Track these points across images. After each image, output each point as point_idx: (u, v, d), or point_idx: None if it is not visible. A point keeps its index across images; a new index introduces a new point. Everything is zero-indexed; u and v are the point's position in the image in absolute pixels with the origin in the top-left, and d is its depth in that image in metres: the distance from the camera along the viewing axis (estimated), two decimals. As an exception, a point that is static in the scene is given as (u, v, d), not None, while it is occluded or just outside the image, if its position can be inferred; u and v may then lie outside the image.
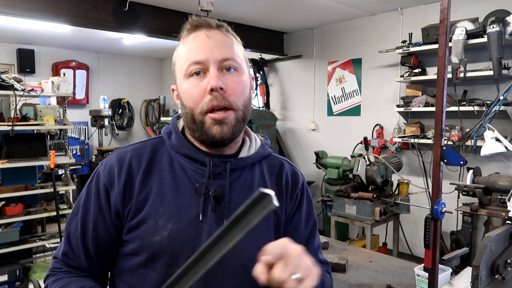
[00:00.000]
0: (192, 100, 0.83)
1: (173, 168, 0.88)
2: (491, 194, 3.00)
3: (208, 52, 0.82)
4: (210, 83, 0.80)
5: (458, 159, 1.35)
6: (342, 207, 3.43)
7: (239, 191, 0.89)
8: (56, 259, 0.91)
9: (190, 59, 0.83)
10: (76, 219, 0.89)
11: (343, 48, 4.92)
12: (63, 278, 0.86)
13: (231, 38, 0.87)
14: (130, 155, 0.89)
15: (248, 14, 4.50)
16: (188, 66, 0.83)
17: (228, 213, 0.86)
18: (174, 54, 0.91)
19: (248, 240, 0.84)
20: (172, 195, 0.85)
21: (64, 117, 3.97)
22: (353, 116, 4.85)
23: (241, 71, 0.86)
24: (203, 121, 0.83)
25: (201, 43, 0.83)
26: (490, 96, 3.59)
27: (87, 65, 6.78)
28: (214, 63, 0.82)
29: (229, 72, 0.84)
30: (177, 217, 0.84)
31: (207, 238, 0.83)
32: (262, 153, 0.95)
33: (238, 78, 0.85)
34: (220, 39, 0.85)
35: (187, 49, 0.85)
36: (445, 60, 1.35)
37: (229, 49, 0.85)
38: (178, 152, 0.89)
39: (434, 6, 4.04)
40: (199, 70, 0.82)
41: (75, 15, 3.75)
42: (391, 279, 1.82)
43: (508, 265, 1.59)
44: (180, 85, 0.87)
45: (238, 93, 0.84)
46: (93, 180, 0.89)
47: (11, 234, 3.46)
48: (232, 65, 0.84)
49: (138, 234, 0.84)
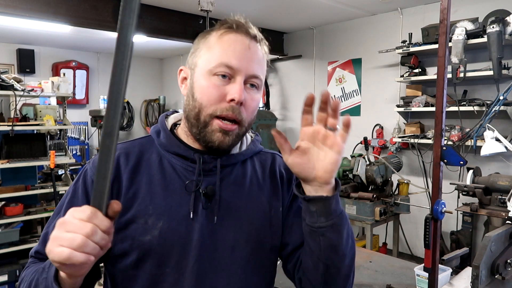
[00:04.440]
0: (207, 98, 0.81)
1: (163, 166, 0.87)
2: (491, 194, 3.00)
3: (245, 62, 0.81)
4: (234, 94, 0.80)
5: (458, 159, 1.35)
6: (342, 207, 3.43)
7: (230, 187, 0.88)
8: (31, 256, 0.89)
9: (223, 60, 0.81)
10: (58, 218, 0.84)
11: (343, 48, 4.92)
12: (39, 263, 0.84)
13: (264, 55, 0.87)
14: (118, 153, 0.87)
15: (248, 14, 4.43)
16: (217, 65, 0.81)
17: (219, 210, 0.85)
18: (201, 40, 0.87)
19: (241, 238, 0.85)
20: (161, 193, 0.84)
21: (64, 117, 3.97)
22: (353, 116, 4.85)
23: (260, 89, 0.87)
24: (208, 123, 0.82)
25: (241, 51, 0.82)
26: (490, 96, 3.59)
27: (87, 65, 6.78)
28: (244, 75, 0.81)
29: (251, 88, 0.84)
30: (168, 216, 0.82)
31: (198, 237, 0.83)
32: (253, 149, 0.94)
33: (256, 96, 0.86)
34: (258, 54, 0.85)
35: (222, 48, 0.82)
36: (445, 60, 1.35)
37: (261, 67, 0.85)
38: (168, 150, 0.88)
39: (434, 6, 4.04)
40: (227, 74, 0.81)
41: (75, 15, 3.75)
42: (391, 279, 1.82)
43: (508, 265, 1.59)
44: (198, 77, 0.84)
45: (251, 111, 0.85)
46: (80, 178, 0.87)
47: (11, 234, 3.46)
48: (256, 83, 0.84)
49: (127, 234, 0.82)
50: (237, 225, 0.86)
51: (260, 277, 0.89)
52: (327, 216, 0.76)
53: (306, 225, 0.79)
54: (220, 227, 0.85)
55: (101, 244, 0.61)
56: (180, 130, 0.92)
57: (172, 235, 0.82)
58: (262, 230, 0.88)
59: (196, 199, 0.85)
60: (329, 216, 0.76)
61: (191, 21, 4.50)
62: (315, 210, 0.76)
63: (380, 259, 2.12)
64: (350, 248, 0.81)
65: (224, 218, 0.85)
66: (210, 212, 0.85)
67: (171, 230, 0.82)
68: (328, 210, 0.76)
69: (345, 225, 0.79)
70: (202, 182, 0.85)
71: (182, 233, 0.83)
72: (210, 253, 0.83)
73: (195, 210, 0.84)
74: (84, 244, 0.59)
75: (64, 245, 0.59)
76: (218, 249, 0.84)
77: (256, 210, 0.88)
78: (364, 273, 1.90)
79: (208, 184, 0.86)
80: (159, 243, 0.81)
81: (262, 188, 0.91)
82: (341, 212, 0.78)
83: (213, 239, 0.84)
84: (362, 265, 2.01)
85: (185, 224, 0.83)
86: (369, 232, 3.29)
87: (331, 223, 0.76)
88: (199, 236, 0.83)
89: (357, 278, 1.83)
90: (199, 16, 4.37)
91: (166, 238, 0.82)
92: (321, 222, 0.76)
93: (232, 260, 0.85)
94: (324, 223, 0.76)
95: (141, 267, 0.82)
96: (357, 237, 4.48)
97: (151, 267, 0.81)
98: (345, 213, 0.81)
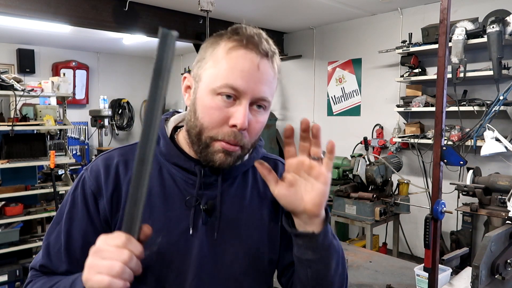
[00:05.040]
0: (209, 120, 0.76)
1: (162, 176, 0.83)
2: (491, 194, 3.00)
3: (252, 85, 0.75)
4: (237, 120, 0.74)
5: (458, 159, 1.35)
6: (342, 207, 3.43)
7: (231, 201, 0.86)
8: (34, 269, 0.85)
9: (228, 80, 0.74)
10: (58, 228, 0.83)
11: (343, 48, 4.92)
12: (45, 277, 0.82)
13: (275, 72, 0.81)
14: (117, 160, 0.83)
15: (248, 14, 4.49)
16: (222, 85, 0.74)
17: (219, 226, 0.83)
18: (209, 49, 0.79)
19: (240, 252, 0.84)
20: (161, 207, 0.81)
21: (64, 117, 3.97)
22: (353, 116, 4.85)
23: (267, 109, 0.81)
24: (209, 144, 0.78)
25: (249, 71, 0.75)
26: (490, 96, 3.59)
27: (87, 65, 6.78)
28: (250, 97, 0.75)
29: (257, 110, 0.78)
30: (167, 231, 0.80)
31: (197, 252, 0.81)
32: (255, 157, 0.90)
33: (262, 118, 0.80)
34: (268, 73, 0.77)
35: (229, 65, 0.75)
36: (445, 60, 1.35)
37: (270, 87, 0.79)
38: (167, 160, 0.84)
39: (434, 6, 4.04)
40: (232, 95, 0.75)
41: (75, 15, 3.75)
42: (391, 279, 1.83)
43: (508, 265, 1.59)
44: (202, 94, 0.78)
45: (255, 134, 0.80)
46: (79, 187, 0.83)
47: (11, 234, 3.46)
48: (264, 105, 0.79)
49: None
50: (237, 240, 0.85)
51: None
52: (314, 250, 0.76)
53: (294, 254, 0.80)
54: (219, 243, 0.83)
55: (135, 269, 0.61)
56: (181, 137, 0.87)
57: (171, 251, 0.80)
58: (261, 244, 0.87)
59: (196, 214, 0.82)
60: (316, 250, 0.76)
61: (191, 21, 4.50)
62: (302, 244, 0.76)
63: (380, 259, 2.12)
64: (340, 276, 0.82)
65: (224, 233, 0.84)
66: (210, 228, 0.83)
67: (170, 246, 0.80)
68: (315, 245, 0.75)
69: (333, 256, 0.78)
70: (203, 196, 0.83)
71: (181, 249, 0.81)
72: (209, 268, 0.82)
73: (194, 226, 0.82)
74: (123, 271, 0.59)
75: (103, 273, 0.59)
76: (217, 263, 0.83)
77: (256, 224, 0.87)
78: (364, 273, 1.90)
79: (208, 199, 0.83)
80: (157, 259, 0.79)
81: (262, 199, 0.89)
82: (330, 244, 0.77)
83: (212, 254, 0.83)
84: (362, 265, 2.01)
85: (184, 240, 0.81)
86: (369, 232, 3.29)
87: (318, 256, 0.76)
88: (198, 252, 0.81)
89: (357, 278, 1.83)
90: (199, 16, 4.37)
91: (165, 254, 0.80)
92: (308, 255, 0.76)
93: (230, 274, 0.84)
94: (311, 256, 0.76)
95: (140, 283, 0.79)
96: (357, 237, 4.48)
97: (149, 283, 0.80)
98: (335, 243, 0.79)
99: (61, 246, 0.81)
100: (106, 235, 0.62)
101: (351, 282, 1.80)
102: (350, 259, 2.03)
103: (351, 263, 2.01)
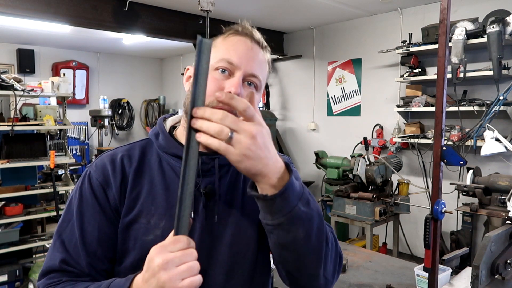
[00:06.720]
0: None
1: (162, 168, 0.90)
2: (491, 194, 3.00)
3: (244, 60, 0.84)
4: (230, 87, 0.81)
5: (458, 159, 1.35)
6: (342, 207, 3.43)
7: (227, 185, 0.91)
8: (49, 274, 0.84)
9: (224, 56, 0.83)
10: (70, 225, 0.86)
11: (343, 48, 4.92)
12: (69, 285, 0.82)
13: (266, 60, 0.90)
14: (121, 155, 0.90)
15: (248, 14, 4.49)
16: (218, 60, 0.83)
17: (219, 209, 0.87)
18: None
19: (239, 234, 0.88)
20: (163, 194, 0.87)
21: (64, 117, 3.97)
22: (353, 116, 4.86)
23: (259, 90, 0.88)
24: None
25: (242, 50, 0.85)
26: (490, 96, 3.59)
27: (87, 65, 6.78)
28: (243, 72, 0.83)
29: (249, 87, 0.85)
30: (169, 216, 0.85)
31: (199, 236, 0.84)
32: None
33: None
34: (259, 56, 0.87)
35: (226, 46, 0.85)
36: (445, 60, 1.35)
37: (261, 68, 0.87)
38: (166, 152, 0.90)
39: (434, 6, 4.04)
40: (227, 70, 0.83)
41: (75, 15, 3.75)
42: (391, 279, 1.83)
43: (508, 265, 1.59)
44: None
45: None
46: (85, 182, 0.88)
47: (11, 234, 3.46)
48: (255, 82, 0.86)
49: (130, 234, 0.84)
50: (235, 223, 0.89)
51: (257, 272, 0.92)
52: (273, 215, 0.73)
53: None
54: (219, 225, 0.87)
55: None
56: (179, 132, 0.94)
57: None
58: (259, 226, 0.89)
59: (196, 199, 0.86)
60: (275, 215, 0.73)
61: (191, 21, 4.51)
62: (262, 207, 0.75)
63: (380, 259, 2.12)
64: (314, 248, 0.77)
65: (223, 216, 0.88)
66: (210, 211, 0.87)
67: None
68: (271, 209, 0.72)
69: (298, 225, 0.74)
70: (201, 182, 0.87)
71: None
72: (209, 251, 0.86)
73: (195, 210, 0.86)
74: (198, 267, 0.66)
75: (187, 277, 0.65)
76: (217, 246, 0.87)
77: (252, 208, 0.89)
78: (364, 273, 1.90)
79: (207, 184, 0.88)
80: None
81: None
82: (292, 211, 0.72)
83: (212, 237, 0.87)
84: (362, 265, 2.01)
85: None
86: (369, 232, 3.30)
87: (278, 222, 0.73)
88: (199, 235, 0.85)
89: (357, 278, 1.84)
90: (199, 16, 4.38)
91: None
92: (268, 219, 0.75)
93: (230, 256, 0.87)
94: (270, 221, 0.74)
95: (142, 267, 0.81)
96: (357, 237, 4.48)
97: None
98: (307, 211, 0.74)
99: (76, 241, 0.85)
100: (160, 246, 0.67)
101: (351, 282, 1.80)
102: (350, 259, 2.03)
103: (351, 263, 2.01)
